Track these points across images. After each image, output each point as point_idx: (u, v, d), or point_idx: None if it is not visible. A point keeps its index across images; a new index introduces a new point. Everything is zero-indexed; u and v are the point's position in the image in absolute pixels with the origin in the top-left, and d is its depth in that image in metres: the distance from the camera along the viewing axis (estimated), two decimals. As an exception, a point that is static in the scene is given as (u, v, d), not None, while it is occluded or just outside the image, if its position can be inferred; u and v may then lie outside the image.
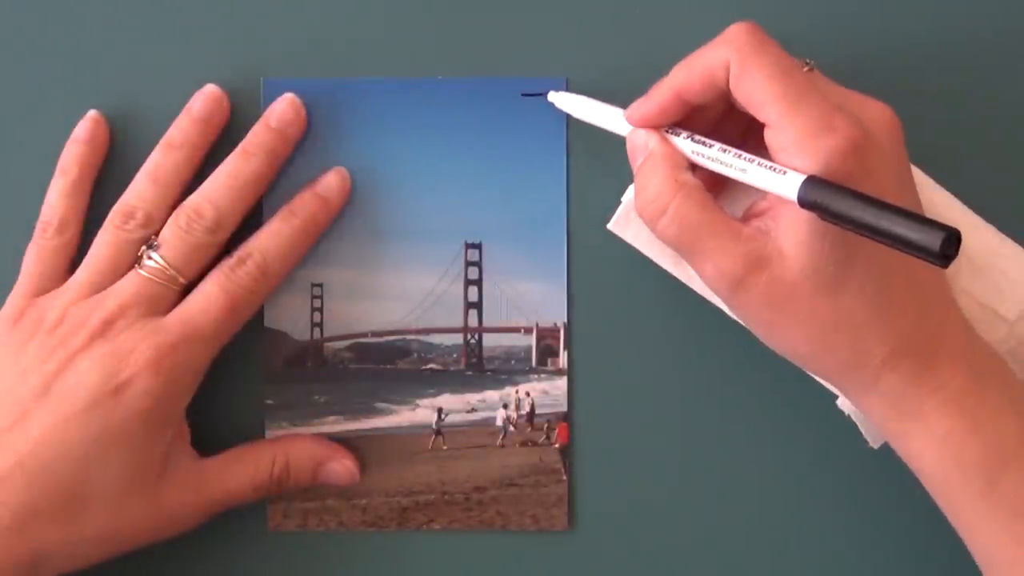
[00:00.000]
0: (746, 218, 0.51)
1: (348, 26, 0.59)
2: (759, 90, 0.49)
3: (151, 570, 0.58)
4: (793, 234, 0.49)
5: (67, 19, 0.59)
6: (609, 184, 0.58)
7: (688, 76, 0.51)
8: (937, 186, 0.56)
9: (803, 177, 0.47)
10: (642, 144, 0.52)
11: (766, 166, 0.49)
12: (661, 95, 0.52)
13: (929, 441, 0.50)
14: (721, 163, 0.50)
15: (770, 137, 0.49)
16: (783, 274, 0.49)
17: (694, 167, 0.52)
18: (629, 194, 0.56)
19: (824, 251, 0.49)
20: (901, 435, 0.51)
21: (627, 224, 0.56)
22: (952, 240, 0.43)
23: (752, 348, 0.58)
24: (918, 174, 0.55)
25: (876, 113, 0.51)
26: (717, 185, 0.54)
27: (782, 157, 0.48)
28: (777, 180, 0.48)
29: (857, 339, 0.50)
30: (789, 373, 0.57)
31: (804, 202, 0.47)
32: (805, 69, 0.51)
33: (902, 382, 0.50)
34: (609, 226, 0.57)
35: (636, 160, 0.52)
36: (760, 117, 0.49)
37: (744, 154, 0.50)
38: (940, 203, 0.55)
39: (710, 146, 0.51)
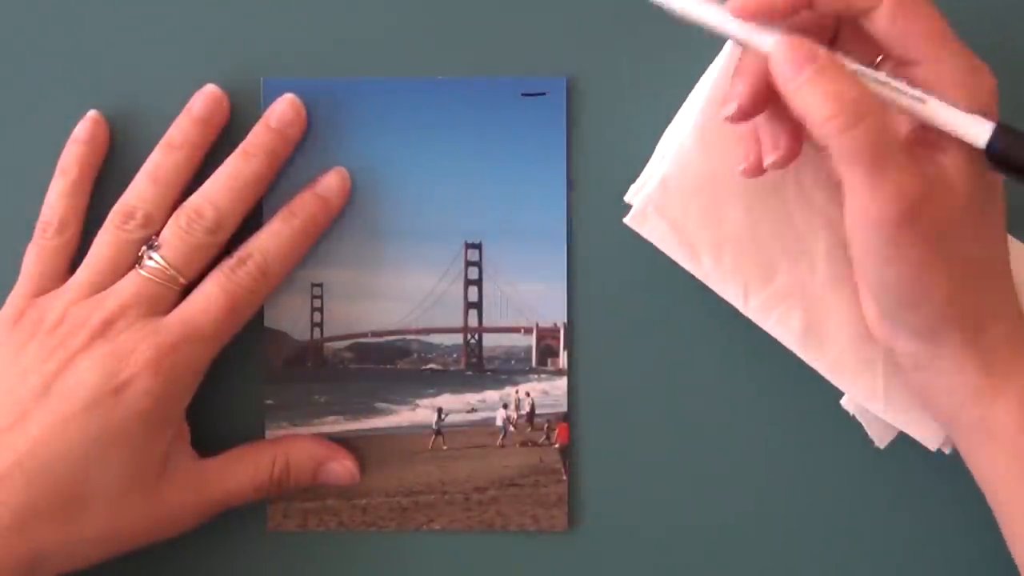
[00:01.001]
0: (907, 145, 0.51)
1: (348, 26, 0.59)
2: (921, 24, 0.49)
3: (151, 570, 0.58)
4: (961, 170, 0.49)
5: (67, 19, 0.59)
6: (609, 184, 0.58)
7: None
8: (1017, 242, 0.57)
9: (991, 125, 0.48)
10: (808, 51, 0.49)
11: (948, 103, 0.49)
12: None
13: (1016, 405, 0.51)
14: (894, 89, 0.49)
15: (926, 72, 0.49)
16: (951, 208, 0.49)
17: None
18: (648, 188, 0.56)
19: (984, 192, 0.50)
20: (985, 402, 0.52)
21: (644, 219, 0.56)
22: None
23: (753, 348, 0.58)
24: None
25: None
26: None
27: (940, 93, 0.49)
28: (962, 120, 0.49)
29: (993, 288, 0.52)
30: (790, 373, 0.57)
31: (992, 148, 0.48)
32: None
33: (1001, 338, 0.51)
34: (626, 220, 0.56)
35: (800, 68, 0.49)
36: (912, 53, 0.49)
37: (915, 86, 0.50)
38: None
39: (877, 70, 0.50)
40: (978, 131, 0.48)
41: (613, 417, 0.59)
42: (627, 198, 0.57)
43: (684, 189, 0.55)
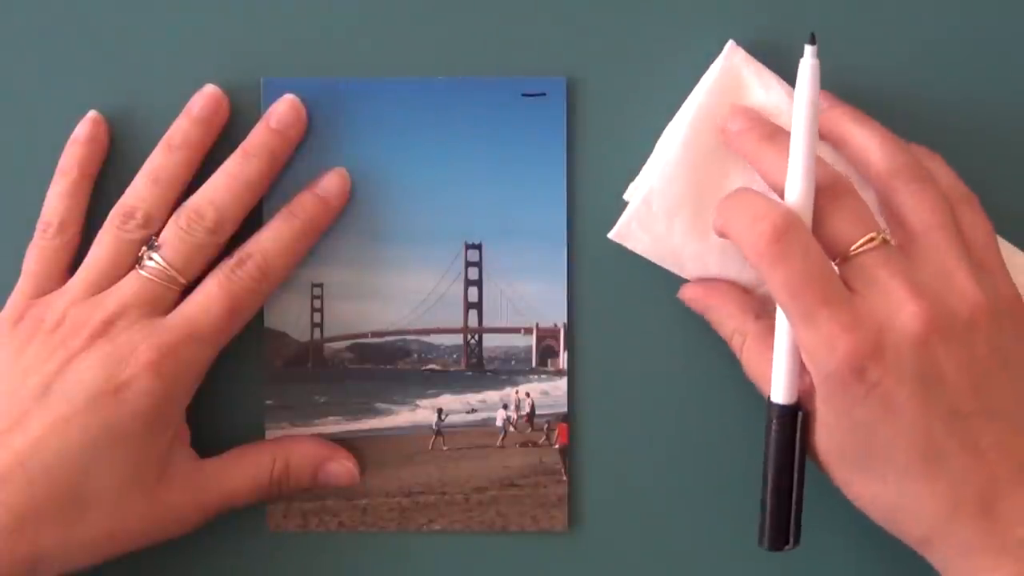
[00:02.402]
0: None
1: (348, 26, 0.59)
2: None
3: (151, 570, 0.58)
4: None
5: (67, 19, 0.59)
6: (609, 184, 0.58)
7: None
8: (1017, 250, 0.57)
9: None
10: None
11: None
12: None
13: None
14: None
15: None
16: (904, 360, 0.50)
17: None
18: (633, 203, 0.56)
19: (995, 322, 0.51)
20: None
21: (628, 234, 0.56)
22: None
23: (752, 348, 0.58)
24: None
25: (902, 320, 0.50)
26: None
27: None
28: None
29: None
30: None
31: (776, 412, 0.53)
32: (871, 244, 0.51)
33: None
34: (610, 235, 0.56)
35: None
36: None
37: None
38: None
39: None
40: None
41: (613, 417, 0.59)
42: (625, 196, 0.57)
43: (669, 205, 0.56)
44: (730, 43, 0.56)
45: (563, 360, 0.59)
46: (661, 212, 0.56)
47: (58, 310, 0.54)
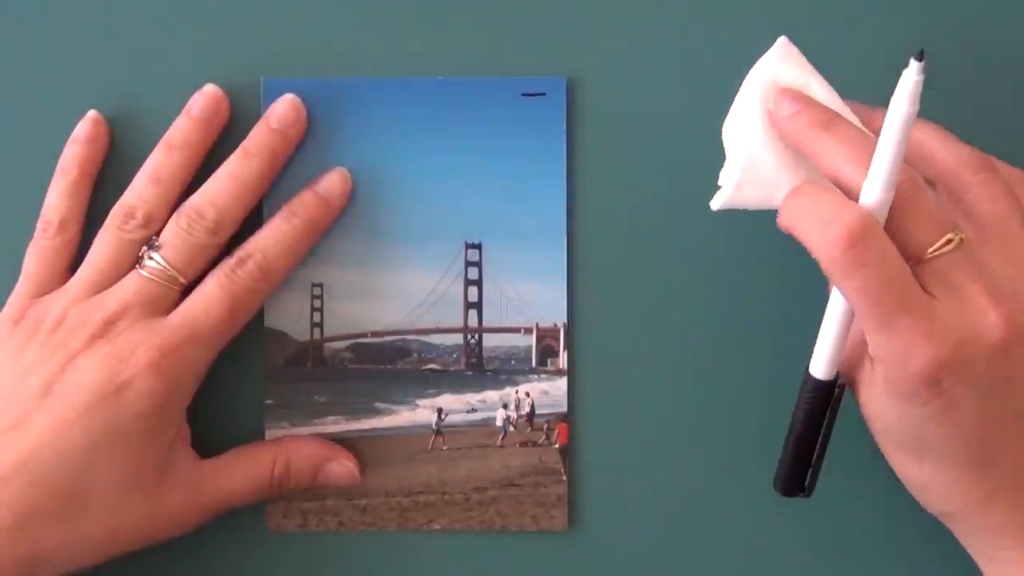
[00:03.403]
0: None
1: (348, 26, 0.59)
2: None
3: (151, 570, 0.58)
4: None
5: (67, 19, 0.59)
6: (609, 184, 0.58)
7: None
8: None
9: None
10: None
11: None
12: None
13: None
14: None
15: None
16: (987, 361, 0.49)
17: None
18: (726, 190, 0.53)
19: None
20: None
21: (738, 195, 0.53)
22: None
23: (754, 348, 0.58)
24: None
25: (982, 328, 0.48)
26: None
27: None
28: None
29: None
30: (791, 373, 0.57)
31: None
32: (948, 247, 0.49)
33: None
34: (716, 207, 0.53)
35: None
36: None
37: None
38: None
39: None
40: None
41: (613, 417, 0.59)
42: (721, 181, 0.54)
43: (775, 160, 0.52)
44: (783, 39, 0.53)
45: (563, 360, 0.59)
46: (769, 168, 0.52)
47: (58, 310, 0.54)
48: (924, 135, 0.53)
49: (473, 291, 0.59)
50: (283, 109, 0.57)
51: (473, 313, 0.60)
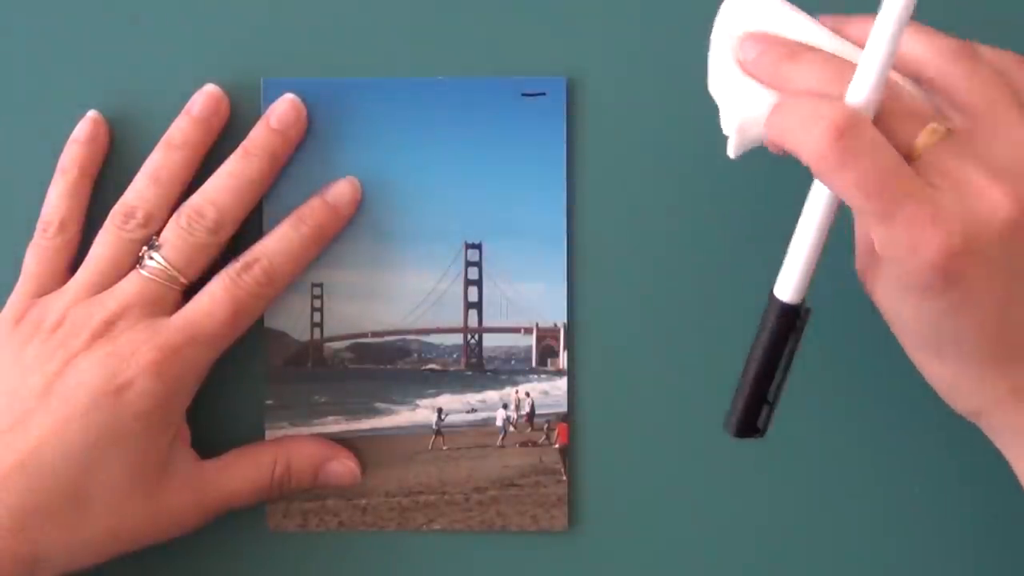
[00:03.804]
0: None
1: (348, 26, 0.59)
2: (851, 203, 0.47)
3: (151, 570, 0.58)
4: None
5: (67, 19, 0.59)
6: (609, 184, 0.58)
7: None
8: None
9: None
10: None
11: None
12: None
13: None
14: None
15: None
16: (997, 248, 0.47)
17: None
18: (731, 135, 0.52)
19: None
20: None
21: (747, 131, 0.52)
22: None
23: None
24: None
25: (987, 208, 0.46)
26: None
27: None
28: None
29: None
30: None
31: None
32: (934, 137, 0.47)
33: None
34: (734, 155, 0.52)
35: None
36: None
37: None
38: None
39: None
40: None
41: (613, 417, 0.59)
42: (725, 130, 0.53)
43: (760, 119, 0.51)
44: None
45: (563, 360, 0.59)
46: (762, 102, 0.51)
47: (58, 310, 0.54)
48: (909, 40, 0.50)
49: (473, 291, 0.59)
50: (283, 109, 0.57)
51: (473, 313, 0.60)
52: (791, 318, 0.50)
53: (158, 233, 0.55)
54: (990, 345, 0.48)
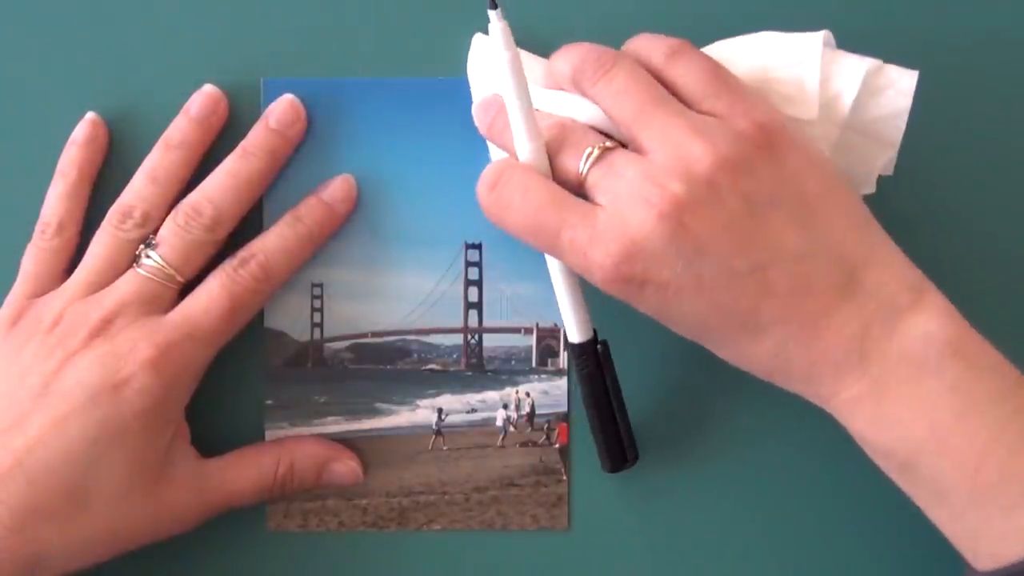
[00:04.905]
0: None
1: (348, 26, 0.59)
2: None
3: (151, 570, 0.58)
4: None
5: (66, 19, 0.59)
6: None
7: None
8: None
9: None
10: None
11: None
12: None
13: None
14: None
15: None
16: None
17: None
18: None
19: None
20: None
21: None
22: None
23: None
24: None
25: (640, 213, 0.50)
26: None
27: None
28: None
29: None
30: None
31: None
32: (590, 160, 0.51)
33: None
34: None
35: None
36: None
37: None
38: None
39: None
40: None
41: (613, 417, 0.59)
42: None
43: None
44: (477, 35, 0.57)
45: (563, 360, 0.59)
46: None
47: (56, 309, 0.55)
48: (555, 64, 0.54)
49: (473, 291, 0.59)
50: (282, 109, 0.57)
51: (473, 313, 0.60)
52: (592, 353, 0.55)
53: (156, 232, 0.55)
54: (731, 326, 0.50)
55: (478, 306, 0.60)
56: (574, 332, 0.55)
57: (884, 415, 0.50)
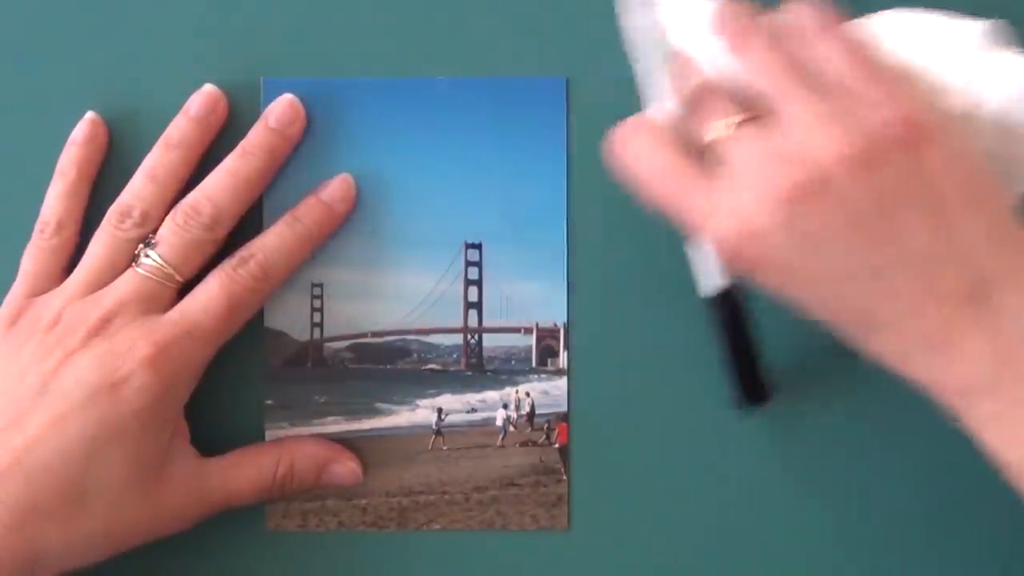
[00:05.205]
0: None
1: (348, 26, 0.59)
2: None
3: (151, 570, 0.58)
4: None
5: (66, 19, 0.59)
6: (609, 184, 0.58)
7: None
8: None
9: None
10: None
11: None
12: None
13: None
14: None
15: None
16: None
17: None
18: None
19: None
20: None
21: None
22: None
23: (752, 348, 0.58)
24: None
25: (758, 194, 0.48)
26: None
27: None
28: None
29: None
30: (789, 373, 0.57)
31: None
32: (726, 131, 0.50)
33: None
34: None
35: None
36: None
37: None
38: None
39: None
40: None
41: (613, 417, 0.59)
42: None
43: None
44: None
45: (563, 360, 0.59)
46: None
47: (54, 309, 0.55)
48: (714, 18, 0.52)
49: (473, 291, 0.59)
50: (281, 109, 0.57)
51: (473, 313, 0.60)
52: (728, 304, 0.55)
53: (155, 231, 0.55)
54: (834, 315, 0.49)
55: (478, 306, 0.60)
56: (705, 285, 0.55)
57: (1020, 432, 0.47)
